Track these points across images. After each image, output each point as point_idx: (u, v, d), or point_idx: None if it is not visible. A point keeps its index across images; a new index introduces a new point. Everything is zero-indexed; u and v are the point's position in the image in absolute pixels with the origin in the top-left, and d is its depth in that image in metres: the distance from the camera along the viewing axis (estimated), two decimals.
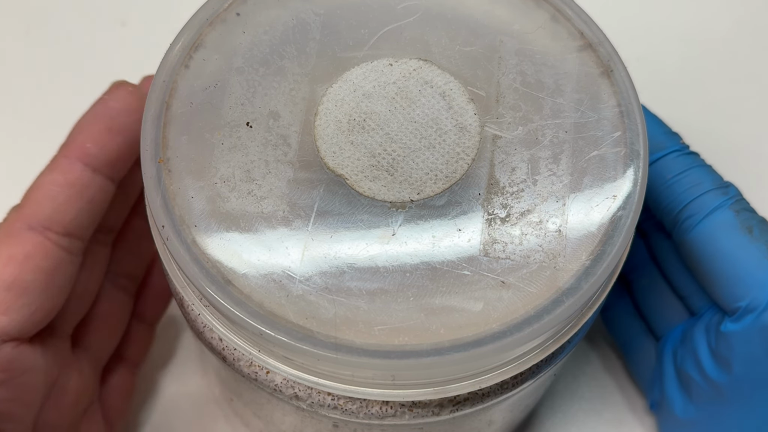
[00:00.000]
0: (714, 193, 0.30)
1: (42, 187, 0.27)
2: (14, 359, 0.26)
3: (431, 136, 0.25)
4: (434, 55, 0.26)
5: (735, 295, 0.29)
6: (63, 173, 0.27)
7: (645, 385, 0.35)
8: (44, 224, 0.27)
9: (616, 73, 0.26)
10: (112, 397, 0.33)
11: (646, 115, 0.30)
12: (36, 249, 0.26)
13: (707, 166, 0.31)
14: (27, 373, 0.27)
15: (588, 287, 0.23)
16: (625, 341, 0.36)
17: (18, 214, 0.27)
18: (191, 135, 0.25)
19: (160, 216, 0.23)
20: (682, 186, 0.30)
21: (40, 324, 0.27)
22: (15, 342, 0.26)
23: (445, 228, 0.24)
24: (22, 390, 0.27)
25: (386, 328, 0.22)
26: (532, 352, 0.24)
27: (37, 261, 0.26)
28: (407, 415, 0.24)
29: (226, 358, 0.25)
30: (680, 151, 0.31)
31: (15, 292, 0.26)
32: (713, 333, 0.30)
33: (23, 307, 0.26)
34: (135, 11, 0.46)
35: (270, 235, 0.23)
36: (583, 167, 0.25)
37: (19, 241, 0.26)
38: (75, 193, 0.27)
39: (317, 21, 0.27)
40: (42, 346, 0.28)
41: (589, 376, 0.38)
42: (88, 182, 0.27)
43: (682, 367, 0.32)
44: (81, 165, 0.27)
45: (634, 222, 0.24)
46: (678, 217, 0.30)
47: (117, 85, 0.29)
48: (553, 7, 0.27)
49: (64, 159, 0.27)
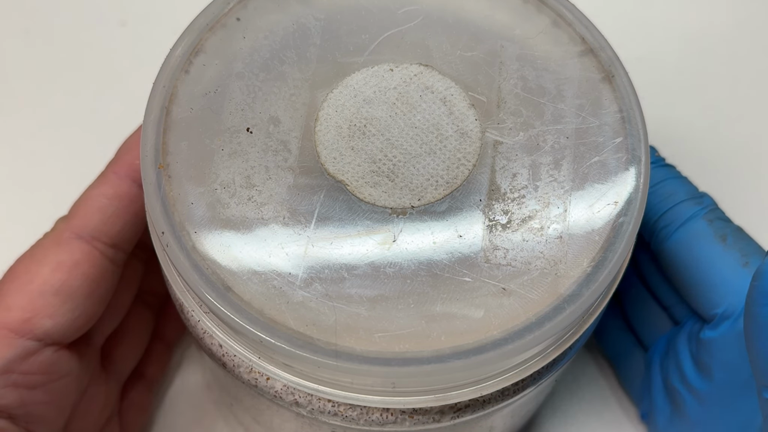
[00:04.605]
0: (688, 203, 0.30)
1: (91, 199, 0.28)
2: (54, 363, 0.27)
3: (432, 141, 0.25)
4: (435, 61, 0.26)
5: (712, 302, 0.29)
6: (113, 187, 0.28)
7: (636, 396, 0.36)
8: (93, 234, 0.28)
9: (617, 78, 0.26)
10: (129, 413, 0.34)
11: None
12: (84, 257, 0.27)
13: (682, 177, 0.31)
14: (63, 378, 0.28)
15: (589, 294, 0.23)
16: (614, 353, 0.37)
17: (67, 224, 0.28)
18: (191, 141, 0.25)
19: (160, 222, 0.23)
20: (658, 197, 0.30)
21: (81, 330, 0.28)
22: (56, 346, 0.27)
23: (445, 234, 0.24)
24: (58, 395, 0.28)
25: (387, 335, 0.22)
26: (533, 359, 0.24)
27: (85, 269, 0.27)
28: (408, 422, 0.24)
29: (226, 365, 0.25)
30: (656, 164, 0.31)
31: (62, 297, 0.27)
32: (694, 341, 0.30)
33: (68, 312, 0.27)
34: (135, 11, 0.46)
35: (270, 242, 0.23)
36: (584, 173, 0.25)
37: (68, 249, 0.27)
38: (123, 207, 0.28)
39: (318, 26, 0.26)
40: (78, 353, 0.28)
41: (590, 377, 0.38)
42: (135, 197, 0.28)
43: (667, 376, 0.32)
44: (129, 180, 0.28)
45: (635, 228, 0.24)
46: (654, 226, 0.30)
47: None
48: (554, 12, 0.27)
49: (113, 174, 0.28)
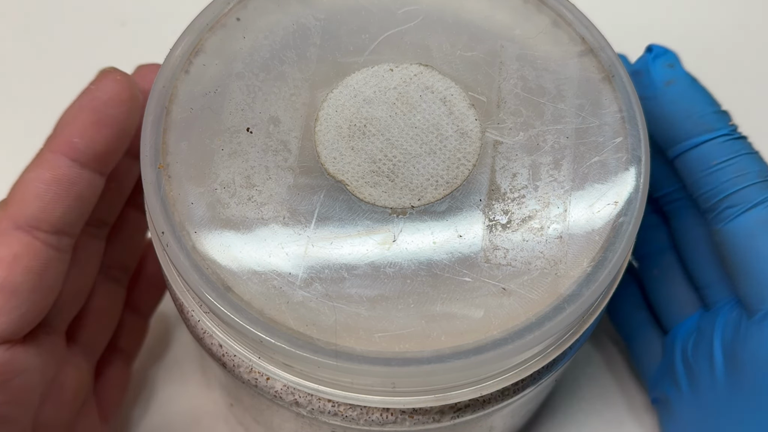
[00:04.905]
0: (758, 186, 0.28)
1: (28, 184, 0.26)
2: (8, 362, 0.26)
3: (432, 141, 0.25)
4: (435, 60, 0.26)
5: (761, 296, 0.28)
6: (50, 169, 0.26)
7: (648, 379, 0.35)
8: (32, 223, 0.26)
9: (617, 78, 0.26)
10: (107, 390, 0.33)
11: (695, 89, 0.30)
12: (25, 249, 0.25)
13: (754, 153, 0.29)
14: (22, 374, 0.26)
15: (589, 294, 0.23)
16: (629, 332, 0.36)
17: (4, 213, 0.26)
18: (191, 141, 0.24)
19: (160, 222, 0.23)
20: (726, 174, 0.29)
21: (31, 324, 0.26)
22: (8, 344, 0.26)
23: (446, 234, 0.24)
24: (19, 392, 0.26)
25: (387, 335, 0.22)
26: (533, 358, 0.24)
27: (26, 262, 0.25)
28: (408, 422, 0.24)
29: (226, 365, 0.25)
30: (728, 136, 0.29)
31: (5, 294, 0.25)
32: (730, 330, 0.29)
33: (13, 309, 0.25)
34: (135, 11, 0.46)
35: (270, 242, 0.23)
36: (584, 173, 0.25)
37: (6, 242, 0.25)
38: (63, 190, 0.26)
39: (318, 26, 0.26)
40: (36, 346, 0.27)
41: (590, 376, 0.38)
42: (75, 178, 0.26)
43: (693, 362, 0.31)
44: (68, 161, 0.26)
45: (635, 228, 0.24)
46: (717, 205, 0.29)
47: (104, 74, 0.27)
48: (555, 12, 0.27)
49: (50, 154, 0.26)
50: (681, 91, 0.30)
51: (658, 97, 0.30)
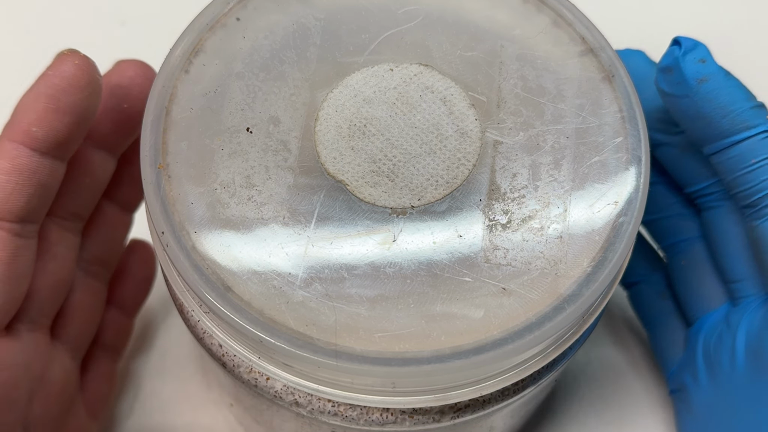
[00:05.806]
0: None
1: None
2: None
3: (432, 141, 0.25)
4: (435, 60, 0.26)
5: None
6: (10, 160, 0.26)
7: (668, 369, 0.34)
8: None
9: (617, 78, 0.26)
10: (93, 386, 0.33)
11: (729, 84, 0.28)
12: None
13: None
14: (7, 370, 0.26)
15: (589, 294, 0.23)
16: (651, 321, 0.35)
17: None
18: (191, 140, 0.24)
19: (160, 222, 0.23)
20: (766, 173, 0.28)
21: (8, 314, 0.26)
22: None
23: (446, 234, 0.24)
24: (5, 389, 0.26)
25: (387, 335, 0.22)
26: (533, 358, 0.24)
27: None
28: (408, 422, 0.24)
29: (225, 365, 0.25)
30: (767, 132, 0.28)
31: None
32: (756, 325, 0.29)
33: None
34: (135, 11, 0.46)
35: (270, 242, 0.23)
36: (584, 173, 0.25)
37: None
38: (24, 179, 0.26)
39: (318, 26, 0.26)
40: (20, 342, 0.27)
41: (590, 376, 0.38)
42: (36, 167, 0.26)
43: (715, 355, 0.31)
44: (28, 150, 0.26)
45: (635, 228, 0.24)
46: (757, 203, 0.28)
47: (61, 58, 0.26)
48: (555, 11, 0.27)
49: (9, 144, 0.26)
50: (716, 88, 0.28)
51: (692, 96, 0.28)
